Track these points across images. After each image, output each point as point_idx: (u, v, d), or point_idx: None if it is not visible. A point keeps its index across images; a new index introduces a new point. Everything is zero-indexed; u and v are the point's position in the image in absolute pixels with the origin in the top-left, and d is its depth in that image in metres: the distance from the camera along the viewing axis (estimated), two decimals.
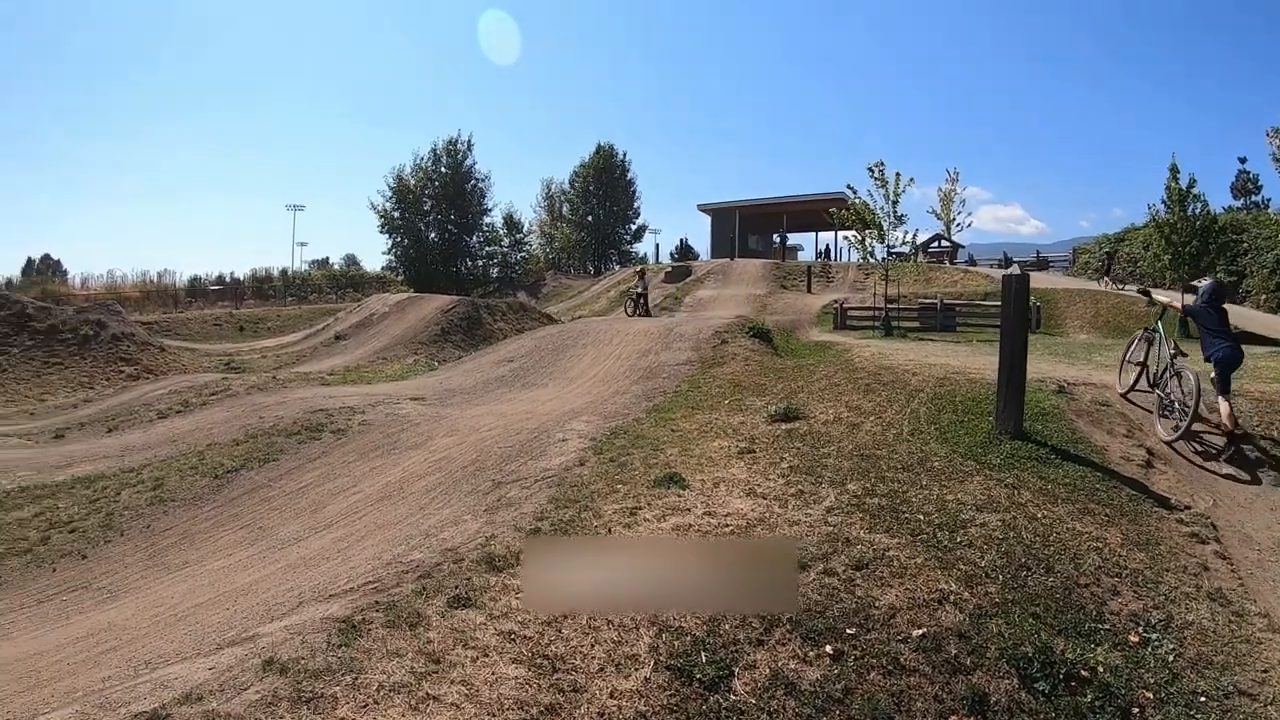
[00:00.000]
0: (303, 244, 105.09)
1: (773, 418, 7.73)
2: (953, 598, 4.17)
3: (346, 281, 47.65)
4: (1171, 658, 3.96)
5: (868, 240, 22.32)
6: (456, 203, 46.82)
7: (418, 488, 6.95)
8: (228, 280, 46.03)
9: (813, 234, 52.39)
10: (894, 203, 21.40)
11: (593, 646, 3.59)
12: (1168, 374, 7.13)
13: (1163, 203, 19.24)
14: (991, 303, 21.66)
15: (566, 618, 3.78)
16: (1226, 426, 6.64)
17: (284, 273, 48.66)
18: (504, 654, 3.49)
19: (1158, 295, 8.48)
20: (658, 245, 59.84)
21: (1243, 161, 40.68)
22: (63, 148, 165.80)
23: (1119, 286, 24.17)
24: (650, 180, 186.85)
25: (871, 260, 23.39)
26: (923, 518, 5.07)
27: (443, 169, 47.23)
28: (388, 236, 46.68)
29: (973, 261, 40.00)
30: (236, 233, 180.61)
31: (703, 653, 3.58)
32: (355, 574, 4.82)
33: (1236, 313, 9.77)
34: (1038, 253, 41.78)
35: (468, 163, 47.84)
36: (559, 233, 59.53)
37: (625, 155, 58.47)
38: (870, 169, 21.33)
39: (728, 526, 4.90)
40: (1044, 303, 21.79)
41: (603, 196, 57.41)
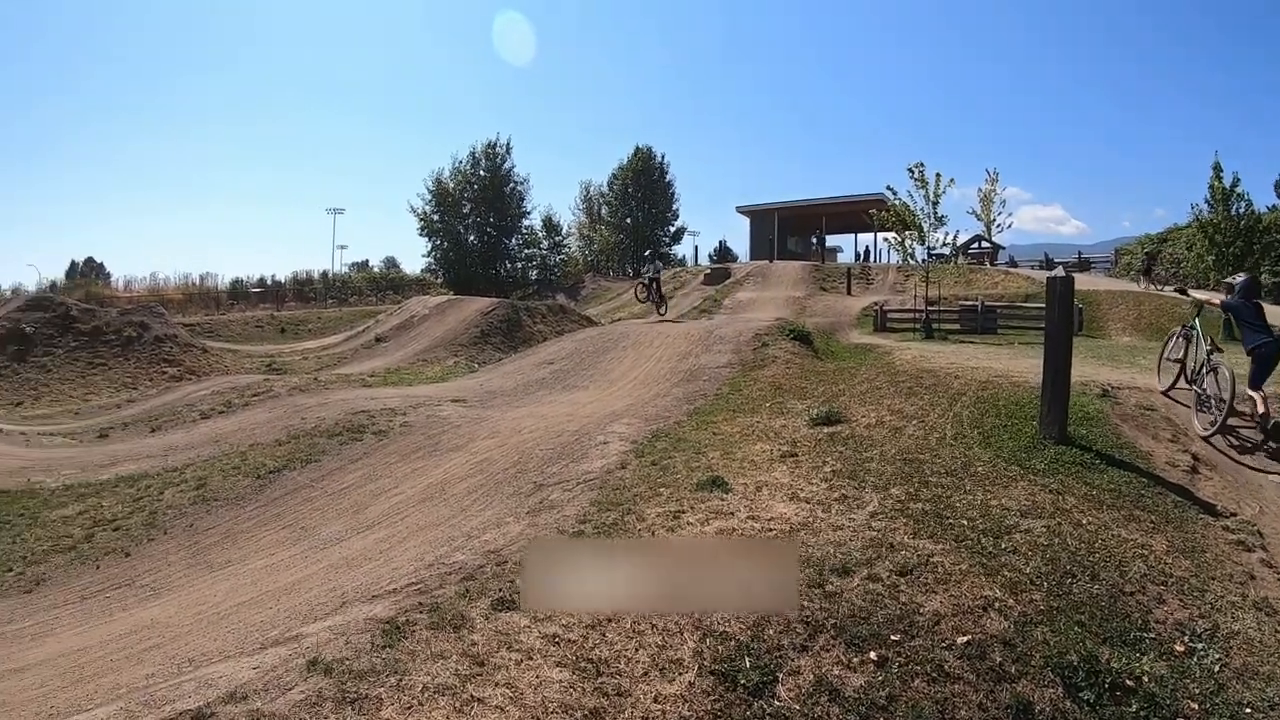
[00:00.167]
0: (342, 246, 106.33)
1: (814, 421, 7.67)
2: (997, 605, 4.11)
3: (386, 284, 47.97)
4: (1217, 668, 3.86)
5: (908, 242, 22.06)
6: (495, 205, 47.15)
7: (459, 489, 7.02)
8: (269, 283, 46.56)
9: (852, 236, 51.61)
10: (934, 204, 21.12)
11: (636, 650, 3.60)
12: (1204, 369, 7.15)
13: (1206, 202, 18.72)
14: (1033, 305, 21.23)
15: (610, 621, 3.79)
16: (1262, 413, 6.63)
17: (324, 275, 49.19)
18: (548, 657, 3.51)
19: (1194, 293, 8.43)
20: (696, 247, 59.72)
21: None
22: (102, 151, 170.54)
23: (1158, 288, 23.45)
24: (688, 182, 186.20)
25: (911, 262, 23.04)
26: (966, 523, 5.01)
27: (481, 172, 47.55)
28: (427, 239, 47.26)
29: (1013, 263, 39.17)
30: (276, 236, 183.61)
31: (747, 658, 3.57)
32: (398, 575, 4.87)
33: (1276, 313, 9.57)
34: (1079, 254, 40.59)
35: (506, 165, 48.13)
36: (598, 235, 59.51)
37: (664, 157, 57.95)
38: (910, 169, 21.09)
39: (771, 530, 4.89)
40: (1086, 305, 21.22)
41: (641, 199, 57.07)
